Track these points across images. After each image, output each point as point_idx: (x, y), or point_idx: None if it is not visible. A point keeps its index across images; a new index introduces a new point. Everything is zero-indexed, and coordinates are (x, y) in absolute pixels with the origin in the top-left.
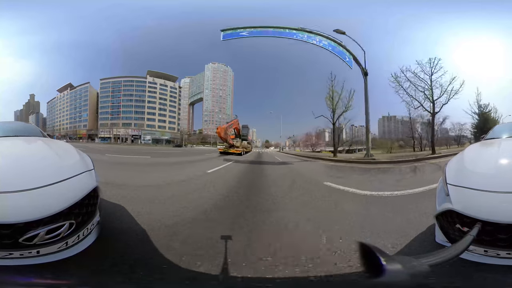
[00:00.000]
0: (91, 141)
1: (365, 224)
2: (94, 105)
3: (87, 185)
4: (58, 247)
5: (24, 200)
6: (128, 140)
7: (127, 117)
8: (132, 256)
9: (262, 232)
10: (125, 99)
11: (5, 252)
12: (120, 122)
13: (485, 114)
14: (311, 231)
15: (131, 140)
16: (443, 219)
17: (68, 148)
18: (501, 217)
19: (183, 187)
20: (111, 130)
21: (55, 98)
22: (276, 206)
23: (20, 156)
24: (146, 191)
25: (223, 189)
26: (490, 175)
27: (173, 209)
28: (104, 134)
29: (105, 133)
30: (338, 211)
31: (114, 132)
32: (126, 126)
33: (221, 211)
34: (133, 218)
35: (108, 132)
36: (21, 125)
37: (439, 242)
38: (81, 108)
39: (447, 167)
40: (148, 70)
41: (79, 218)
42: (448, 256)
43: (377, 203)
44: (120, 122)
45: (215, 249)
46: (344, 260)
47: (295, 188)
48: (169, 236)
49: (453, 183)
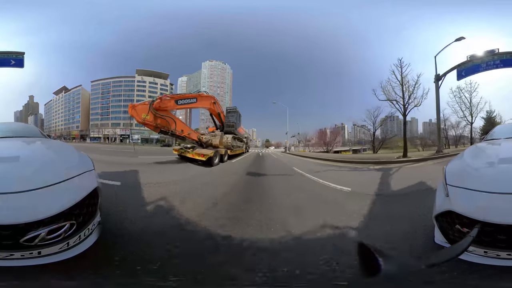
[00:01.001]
0: (83, 141)
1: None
2: (87, 106)
3: (87, 186)
4: (60, 247)
5: (25, 201)
6: (117, 140)
7: (116, 117)
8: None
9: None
10: (114, 99)
11: (6, 253)
12: (109, 122)
13: (492, 118)
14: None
15: (120, 139)
16: (442, 220)
17: (68, 148)
18: (501, 218)
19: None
20: (100, 130)
21: (51, 100)
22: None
23: (20, 156)
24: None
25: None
26: (489, 176)
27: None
28: (94, 134)
29: (95, 133)
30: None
31: (105, 132)
32: (115, 126)
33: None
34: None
35: (98, 132)
36: (21, 125)
37: (438, 242)
38: (74, 110)
39: (447, 168)
40: (137, 69)
41: (80, 219)
42: (447, 256)
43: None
44: (109, 122)
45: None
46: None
47: None
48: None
49: (453, 184)
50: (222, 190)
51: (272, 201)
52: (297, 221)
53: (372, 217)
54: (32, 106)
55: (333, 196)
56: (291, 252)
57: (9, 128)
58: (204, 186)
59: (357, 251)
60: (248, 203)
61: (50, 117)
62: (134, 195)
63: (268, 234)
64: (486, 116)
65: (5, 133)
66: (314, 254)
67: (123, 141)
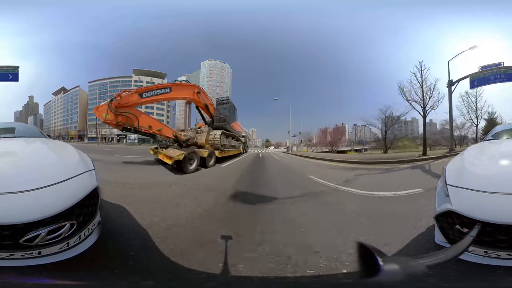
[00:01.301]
0: (81, 141)
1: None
2: (85, 107)
3: (87, 185)
4: (60, 247)
5: (25, 201)
6: (114, 140)
7: None
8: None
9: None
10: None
11: (6, 253)
12: None
13: (493, 119)
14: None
15: (117, 139)
16: (442, 220)
17: (68, 148)
18: (501, 218)
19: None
20: (97, 130)
21: (50, 101)
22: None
23: (20, 156)
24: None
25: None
26: (490, 176)
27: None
28: (92, 134)
29: (92, 133)
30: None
31: (102, 132)
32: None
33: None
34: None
35: (96, 132)
36: (21, 125)
37: (438, 242)
38: (72, 110)
39: (447, 167)
40: (134, 68)
41: (80, 218)
42: (447, 256)
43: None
44: None
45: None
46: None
47: None
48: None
49: (453, 184)
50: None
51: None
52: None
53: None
54: (31, 107)
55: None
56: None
57: (9, 128)
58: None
59: (357, 251)
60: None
61: (49, 117)
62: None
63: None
64: (487, 117)
65: (5, 133)
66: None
67: (120, 141)
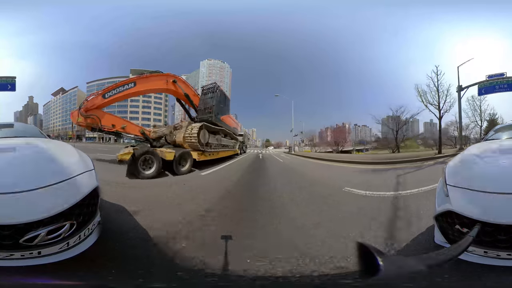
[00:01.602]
0: (79, 141)
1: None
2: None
3: (87, 185)
4: (60, 247)
5: (24, 201)
6: (111, 140)
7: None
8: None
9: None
10: None
11: (6, 253)
12: None
13: (494, 120)
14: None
15: (114, 139)
16: (442, 220)
17: (68, 148)
18: (501, 218)
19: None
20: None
21: (50, 101)
22: None
23: (20, 156)
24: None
25: None
26: (490, 176)
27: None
28: (90, 134)
29: (90, 133)
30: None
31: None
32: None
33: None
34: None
35: (93, 132)
36: (21, 125)
37: (438, 242)
38: (71, 111)
39: (447, 167)
40: (131, 68)
41: (80, 218)
42: (447, 256)
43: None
44: None
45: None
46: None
47: None
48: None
49: (453, 184)
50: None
51: None
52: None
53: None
54: (31, 107)
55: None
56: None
57: (9, 128)
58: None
59: (357, 251)
60: None
61: (49, 117)
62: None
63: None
64: (489, 118)
65: (5, 133)
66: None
67: (117, 141)
